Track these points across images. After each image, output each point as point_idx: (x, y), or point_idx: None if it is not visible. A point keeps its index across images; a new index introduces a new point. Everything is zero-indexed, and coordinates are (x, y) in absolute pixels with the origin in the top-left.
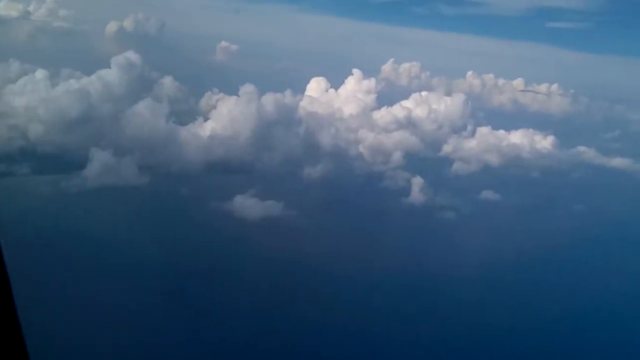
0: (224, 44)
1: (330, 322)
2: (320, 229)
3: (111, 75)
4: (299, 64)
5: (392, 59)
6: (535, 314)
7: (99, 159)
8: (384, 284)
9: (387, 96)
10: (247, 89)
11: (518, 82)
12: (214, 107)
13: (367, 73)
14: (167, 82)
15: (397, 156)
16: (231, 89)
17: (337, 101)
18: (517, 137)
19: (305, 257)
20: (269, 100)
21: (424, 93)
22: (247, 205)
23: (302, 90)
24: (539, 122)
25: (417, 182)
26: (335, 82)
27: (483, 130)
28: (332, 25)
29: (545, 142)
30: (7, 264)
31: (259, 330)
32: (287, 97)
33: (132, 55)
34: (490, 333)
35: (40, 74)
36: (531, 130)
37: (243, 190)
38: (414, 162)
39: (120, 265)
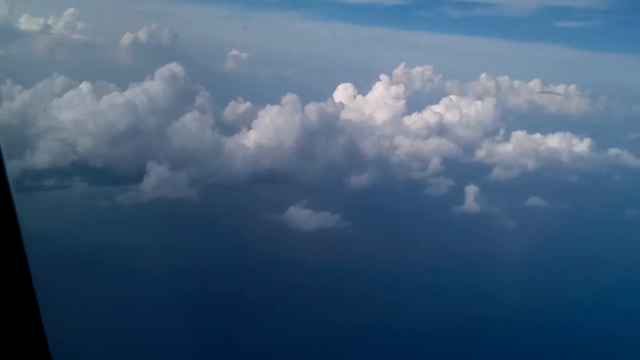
0: (234, 52)
1: (405, 335)
2: (381, 240)
3: (154, 87)
4: (310, 70)
5: (403, 63)
6: (619, 327)
7: (153, 172)
8: (461, 296)
9: (410, 101)
10: (289, 98)
11: (534, 84)
12: (242, 116)
13: (377, 78)
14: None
15: (435, 162)
16: (255, 98)
17: (367, 108)
18: (555, 141)
19: (373, 269)
20: (310, 109)
21: (453, 97)
22: (302, 216)
23: (319, 96)
24: (564, 123)
25: (470, 190)
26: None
27: (518, 135)
28: (338, 31)
29: (581, 145)
30: (62, 274)
31: (331, 345)
32: (327, 105)
33: (175, 67)
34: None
35: (85, 87)
36: (569, 133)
37: (294, 201)
38: (453, 168)
39: (182, 278)
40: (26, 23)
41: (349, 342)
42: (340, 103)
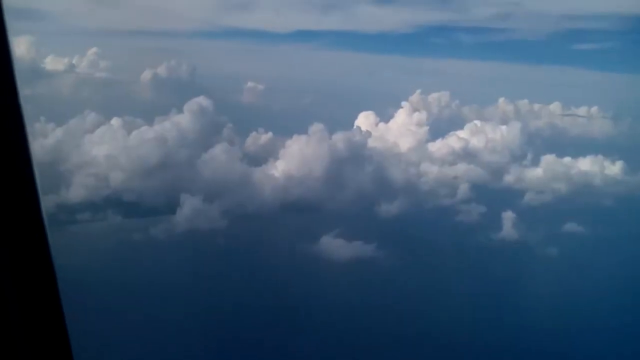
0: (250, 84)
1: None
2: (420, 269)
3: (183, 120)
4: (326, 99)
5: (419, 90)
6: None
7: (186, 203)
8: (508, 327)
9: (430, 127)
10: (316, 127)
11: (555, 107)
12: (264, 146)
13: (394, 105)
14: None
15: (464, 189)
16: (275, 129)
17: (390, 135)
18: (586, 164)
19: (413, 302)
20: (338, 138)
21: (477, 122)
22: (335, 246)
23: (338, 124)
24: (591, 146)
25: (507, 216)
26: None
27: (548, 159)
28: (352, 60)
29: (614, 168)
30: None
31: None
32: (354, 134)
33: (202, 101)
34: None
35: (115, 122)
36: (600, 156)
37: (325, 230)
38: (483, 194)
39: (217, 310)
40: (52, 63)
41: None
42: (367, 131)
